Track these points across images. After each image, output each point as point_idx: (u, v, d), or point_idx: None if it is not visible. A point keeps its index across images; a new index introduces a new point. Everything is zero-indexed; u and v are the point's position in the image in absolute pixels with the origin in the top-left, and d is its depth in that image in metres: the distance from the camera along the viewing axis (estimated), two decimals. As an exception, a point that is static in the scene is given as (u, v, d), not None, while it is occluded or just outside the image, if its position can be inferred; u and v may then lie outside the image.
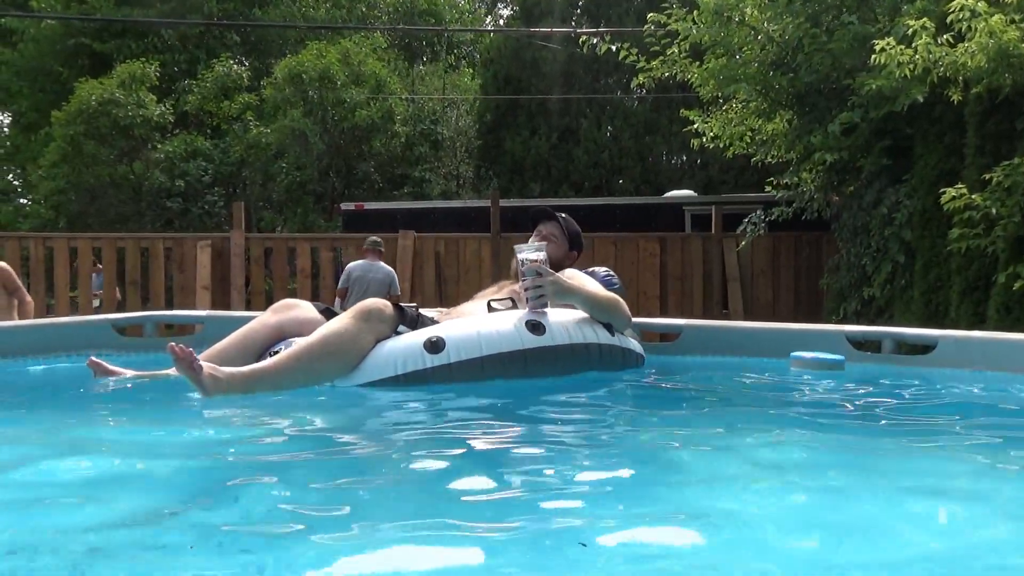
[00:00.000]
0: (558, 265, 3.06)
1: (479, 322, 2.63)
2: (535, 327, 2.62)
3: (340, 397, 2.40)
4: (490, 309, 2.83)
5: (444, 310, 2.99)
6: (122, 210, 15.66)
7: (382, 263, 7.84)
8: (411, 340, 2.51)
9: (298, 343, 2.48)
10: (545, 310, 2.71)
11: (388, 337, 2.54)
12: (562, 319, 2.72)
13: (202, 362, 2.23)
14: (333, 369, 2.44)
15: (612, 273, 3.37)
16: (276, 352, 2.60)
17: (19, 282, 5.63)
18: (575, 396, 2.50)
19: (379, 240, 8.01)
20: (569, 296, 2.79)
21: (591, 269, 3.28)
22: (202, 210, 15.62)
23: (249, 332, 2.78)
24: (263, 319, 2.83)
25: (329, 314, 2.83)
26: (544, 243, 2.82)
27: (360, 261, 7.85)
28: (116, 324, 3.61)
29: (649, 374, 3.05)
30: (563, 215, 3.33)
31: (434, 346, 2.47)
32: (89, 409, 2.38)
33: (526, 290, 2.71)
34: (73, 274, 9.10)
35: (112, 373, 2.63)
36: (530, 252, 2.73)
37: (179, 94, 16.94)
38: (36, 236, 9.92)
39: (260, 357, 2.69)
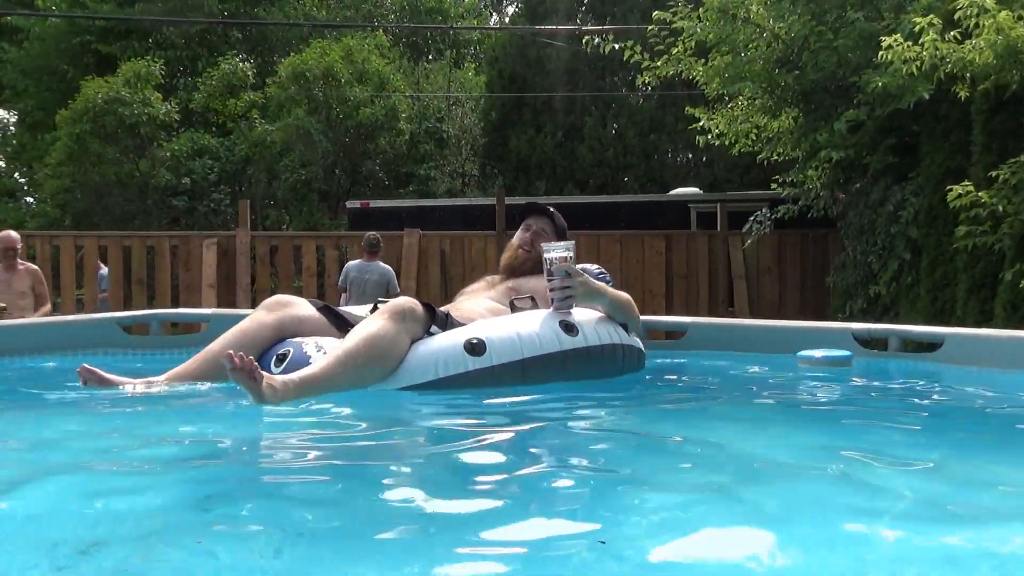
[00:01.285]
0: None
1: (516, 323, 2.58)
2: (569, 328, 2.60)
3: (372, 399, 2.34)
4: (513, 308, 2.79)
5: (442, 309, 2.92)
6: (128, 208, 15.68)
7: (379, 262, 7.75)
8: (449, 342, 2.45)
9: (338, 347, 2.37)
10: (570, 311, 2.68)
11: (420, 338, 2.47)
12: (588, 319, 2.71)
13: (262, 371, 2.12)
14: (377, 373, 2.36)
15: (604, 271, 3.33)
16: (283, 354, 2.52)
17: (47, 288, 5.71)
18: (583, 397, 2.48)
19: (375, 238, 7.84)
20: (597, 298, 2.75)
21: (582, 266, 3.23)
22: (208, 208, 15.63)
23: (246, 332, 2.63)
24: (259, 318, 2.67)
25: (328, 312, 2.75)
26: (572, 243, 2.75)
27: (357, 260, 7.81)
28: (122, 322, 3.62)
29: (655, 372, 3.05)
30: (551, 209, 3.24)
31: (474, 348, 2.42)
32: (89, 414, 2.32)
33: (553, 290, 2.67)
34: (79, 272, 9.11)
35: (106, 382, 2.46)
36: (559, 251, 2.66)
37: (182, 91, 16.95)
38: (42, 234, 9.94)
39: (260, 358, 2.56)
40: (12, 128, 24.89)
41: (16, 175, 24.57)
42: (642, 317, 3.04)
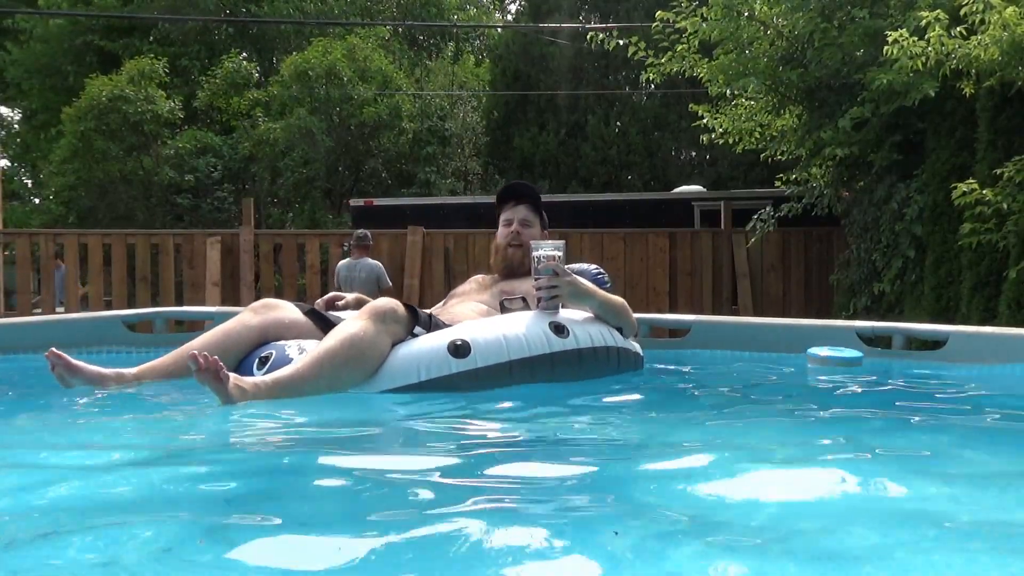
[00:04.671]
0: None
1: (502, 324, 2.51)
2: (559, 329, 2.52)
3: (357, 402, 2.30)
4: (503, 309, 2.73)
5: (433, 311, 2.82)
6: (132, 206, 15.73)
7: (367, 259, 7.76)
8: (432, 344, 2.38)
9: (315, 347, 2.33)
10: (557, 311, 2.62)
11: (403, 340, 2.41)
12: (579, 320, 2.65)
13: (227, 372, 2.09)
14: (356, 375, 2.31)
15: (603, 271, 3.28)
16: (265, 356, 2.48)
17: None
18: (586, 397, 2.46)
19: (363, 235, 7.82)
20: (585, 299, 2.68)
21: (580, 266, 3.15)
22: (212, 206, 15.67)
23: (229, 333, 2.57)
24: (243, 319, 2.61)
25: (314, 315, 2.69)
26: (562, 242, 2.67)
27: (346, 260, 7.83)
28: (126, 320, 3.63)
29: (658, 370, 3.04)
30: (531, 187, 3.19)
31: (458, 350, 2.35)
32: (76, 407, 2.29)
33: (539, 289, 2.60)
34: (83, 268, 9.14)
35: (74, 368, 2.39)
36: (548, 250, 2.59)
37: (180, 86, 16.97)
38: (47, 232, 9.97)
39: (242, 360, 2.54)
40: (16, 126, 24.95)
41: (20, 172, 24.62)
42: (646, 315, 3.02)
